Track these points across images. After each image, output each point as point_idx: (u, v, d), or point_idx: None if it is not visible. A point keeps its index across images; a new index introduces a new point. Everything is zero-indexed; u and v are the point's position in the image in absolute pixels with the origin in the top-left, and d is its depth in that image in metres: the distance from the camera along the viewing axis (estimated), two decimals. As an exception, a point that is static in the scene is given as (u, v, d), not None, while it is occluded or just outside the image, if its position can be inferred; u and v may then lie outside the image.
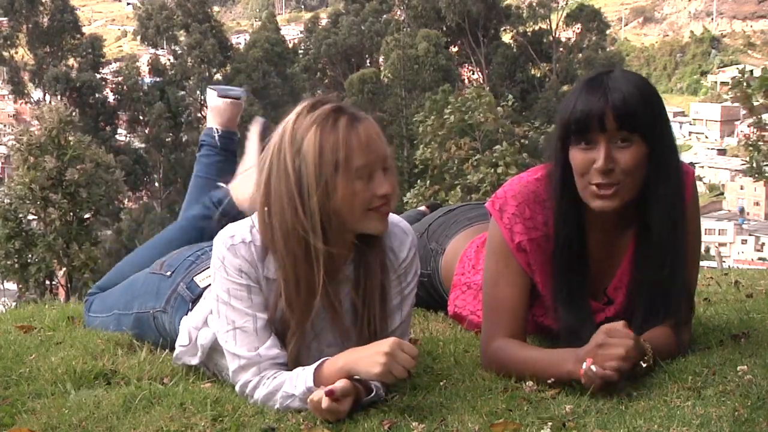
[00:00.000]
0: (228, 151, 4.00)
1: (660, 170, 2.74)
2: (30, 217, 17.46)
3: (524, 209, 2.87)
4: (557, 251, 2.83)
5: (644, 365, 2.65)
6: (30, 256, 16.81)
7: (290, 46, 66.82)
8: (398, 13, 62.83)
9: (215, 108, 4.01)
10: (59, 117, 16.46)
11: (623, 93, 2.67)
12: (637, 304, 2.85)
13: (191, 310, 3.06)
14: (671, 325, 2.80)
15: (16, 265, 17.11)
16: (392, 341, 2.51)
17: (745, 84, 19.30)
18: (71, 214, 16.97)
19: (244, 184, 3.67)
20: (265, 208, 2.63)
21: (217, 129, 3.98)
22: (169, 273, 3.26)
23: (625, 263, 2.91)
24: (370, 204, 2.58)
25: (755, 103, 19.67)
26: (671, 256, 2.80)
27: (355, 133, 2.56)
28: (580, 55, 59.83)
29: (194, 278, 3.15)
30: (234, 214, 3.55)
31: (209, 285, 3.05)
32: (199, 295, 3.08)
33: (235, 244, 2.66)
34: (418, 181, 27.54)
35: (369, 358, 2.51)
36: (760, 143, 20.21)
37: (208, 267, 3.12)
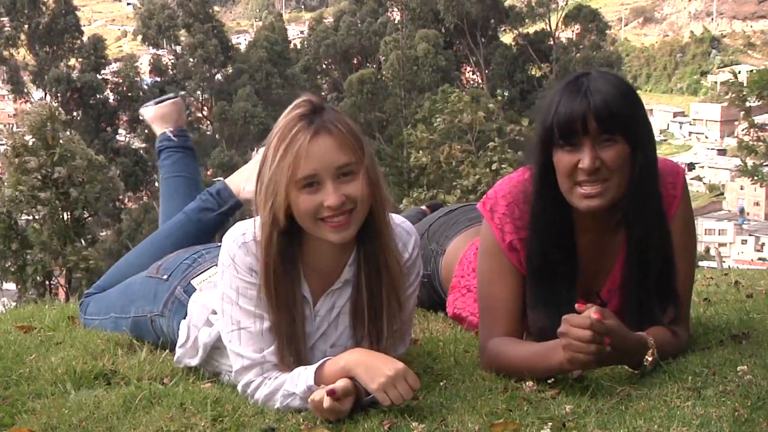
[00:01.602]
0: (186, 148, 4.10)
1: (641, 168, 2.75)
2: (26, 217, 17.44)
3: (514, 209, 2.89)
4: (535, 254, 2.83)
5: (650, 359, 2.66)
6: (27, 257, 16.78)
7: (290, 46, 66.85)
8: (395, 13, 62.77)
9: (158, 115, 4.12)
10: (41, 118, 16.40)
11: (604, 95, 2.70)
12: (628, 305, 2.85)
13: (189, 312, 3.06)
14: (666, 324, 2.81)
15: (13, 267, 17.08)
16: (400, 367, 2.52)
17: (737, 86, 19.32)
18: (66, 213, 16.93)
19: (240, 175, 3.75)
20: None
21: (169, 131, 4.07)
22: (165, 277, 3.26)
23: (618, 266, 2.91)
24: (318, 214, 2.57)
25: (752, 105, 19.68)
26: (659, 254, 2.81)
27: (301, 143, 2.54)
28: (578, 55, 59.81)
29: (191, 281, 3.15)
30: (233, 203, 3.61)
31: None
32: (197, 298, 3.08)
33: (246, 242, 2.66)
34: (412, 187, 27.51)
35: (370, 370, 2.52)
36: (755, 145, 20.22)
37: (205, 270, 3.14)
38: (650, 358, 2.67)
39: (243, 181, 3.69)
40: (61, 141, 16.68)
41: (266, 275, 2.61)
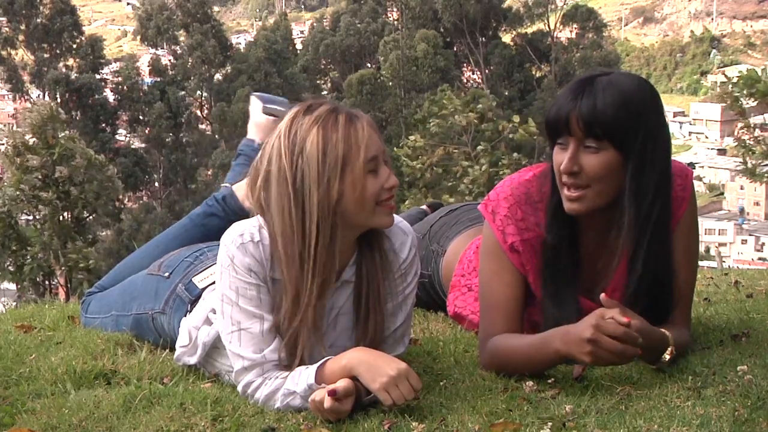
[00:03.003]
0: None
1: (635, 181, 2.71)
2: (25, 217, 17.46)
3: (516, 211, 2.89)
4: (547, 248, 2.83)
5: (668, 356, 2.68)
6: (26, 256, 16.78)
7: (291, 46, 66.84)
8: (394, 13, 62.82)
9: (258, 123, 4.00)
10: (42, 117, 16.41)
11: (595, 100, 2.65)
12: (630, 305, 2.84)
13: (190, 311, 3.06)
14: (668, 325, 2.81)
15: (12, 267, 17.07)
16: (403, 367, 2.51)
17: (731, 87, 19.32)
18: (66, 213, 16.94)
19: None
20: (266, 214, 2.65)
21: (258, 143, 3.94)
22: (167, 274, 3.26)
23: (622, 266, 2.91)
24: (380, 197, 2.61)
25: (745, 106, 19.70)
26: (657, 260, 2.80)
27: (356, 128, 2.59)
28: (577, 54, 59.85)
29: (192, 279, 3.15)
30: (238, 211, 3.59)
31: (208, 285, 3.06)
32: (198, 296, 3.08)
33: (244, 242, 2.66)
34: (412, 189, 27.47)
35: (372, 370, 2.51)
36: (752, 144, 20.22)
37: (207, 268, 3.13)
38: (668, 356, 2.68)
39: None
40: (61, 141, 16.70)
41: (316, 277, 2.59)
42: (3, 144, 17.83)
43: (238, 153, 4.06)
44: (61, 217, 16.90)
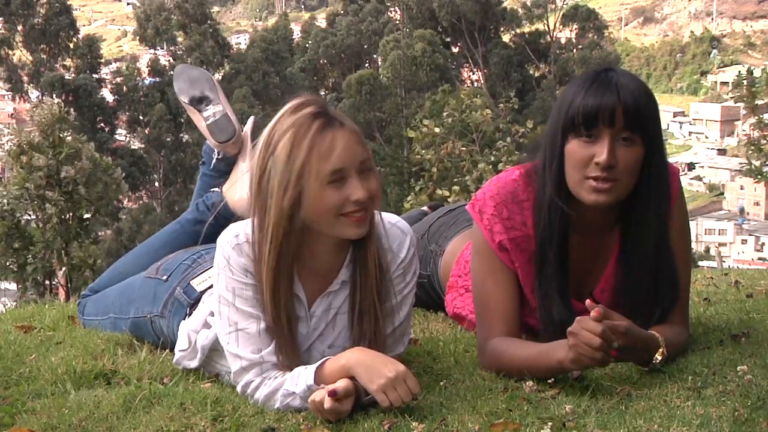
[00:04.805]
0: (228, 174, 3.97)
1: (651, 173, 2.75)
2: (26, 217, 17.45)
3: (502, 210, 2.89)
4: (538, 246, 2.83)
5: (659, 357, 2.68)
6: (28, 255, 16.77)
7: (289, 47, 66.86)
8: (392, 13, 62.89)
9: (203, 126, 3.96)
10: (52, 115, 16.42)
11: (633, 93, 2.69)
12: (623, 305, 2.84)
13: (189, 314, 3.06)
14: (663, 325, 2.81)
15: (14, 266, 17.06)
16: (401, 369, 2.51)
17: (746, 83, 19.39)
18: (70, 213, 16.93)
19: (237, 187, 3.68)
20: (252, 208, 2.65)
21: (217, 153, 3.93)
22: (165, 277, 3.25)
23: (611, 266, 2.91)
24: (342, 209, 2.56)
25: (759, 103, 19.76)
26: (657, 258, 2.80)
27: (326, 138, 2.54)
28: (576, 54, 59.93)
29: (191, 282, 3.14)
30: (228, 217, 3.56)
31: (207, 289, 3.05)
32: (197, 299, 3.07)
33: (240, 243, 2.66)
34: (418, 182, 27.49)
35: (370, 371, 2.51)
36: (762, 143, 20.26)
37: (205, 270, 3.13)
38: (660, 357, 2.68)
39: (240, 191, 3.65)
40: (68, 139, 16.70)
41: (271, 278, 2.61)
42: (3, 143, 17.85)
43: (202, 158, 4.01)
44: (65, 218, 16.90)
